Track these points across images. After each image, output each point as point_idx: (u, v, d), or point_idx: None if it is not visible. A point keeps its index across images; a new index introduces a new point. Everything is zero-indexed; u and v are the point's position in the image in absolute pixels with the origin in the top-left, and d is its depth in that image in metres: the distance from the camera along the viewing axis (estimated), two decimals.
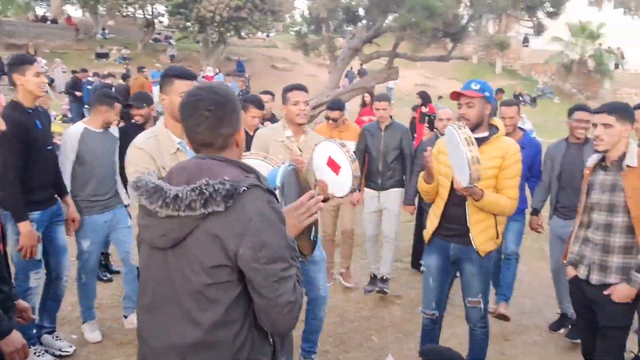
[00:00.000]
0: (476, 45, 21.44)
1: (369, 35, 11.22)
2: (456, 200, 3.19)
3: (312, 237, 2.10)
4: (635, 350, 3.54)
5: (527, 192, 4.82)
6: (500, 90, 13.53)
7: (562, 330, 4.59)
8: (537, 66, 29.88)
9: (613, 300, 2.81)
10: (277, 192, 1.77)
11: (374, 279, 5.33)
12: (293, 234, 1.75)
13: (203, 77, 20.26)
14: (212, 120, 1.65)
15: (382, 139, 5.06)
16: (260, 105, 4.82)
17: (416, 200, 5.33)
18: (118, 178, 4.16)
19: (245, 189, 1.54)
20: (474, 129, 3.07)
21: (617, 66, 27.13)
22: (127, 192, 4.13)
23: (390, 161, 5.06)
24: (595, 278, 2.91)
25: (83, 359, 3.84)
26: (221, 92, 1.70)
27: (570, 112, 4.39)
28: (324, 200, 3.22)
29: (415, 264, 5.79)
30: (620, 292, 2.79)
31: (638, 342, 3.61)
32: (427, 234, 3.41)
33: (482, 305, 3.31)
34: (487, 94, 3.14)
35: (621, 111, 2.85)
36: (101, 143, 4.02)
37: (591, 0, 33.94)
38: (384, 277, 5.31)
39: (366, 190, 5.24)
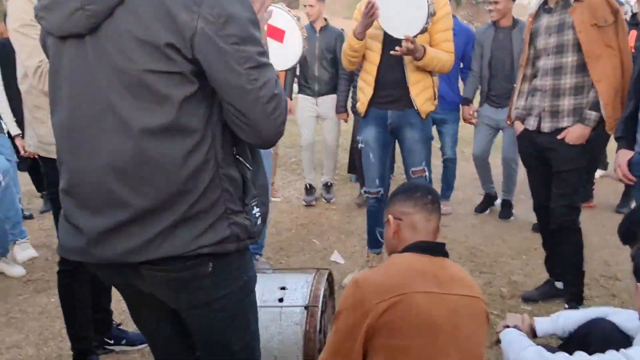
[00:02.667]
0: None
1: None
2: (390, 63, 2.98)
3: None
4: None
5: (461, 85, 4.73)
6: None
7: (487, 211, 4.68)
8: None
9: (567, 142, 2.73)
10: None
11: (309, 189, 5.06)
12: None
13: None
14: None
15: (317, 42, 4.67)
16: None
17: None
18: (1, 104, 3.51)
19: None
20: None
21: None
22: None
23: (326, 66, 4.71)
24: (547, 126, 2.81)
25: None
26: None
27: None
28: None
29: (351, 169, 5.58)
30: (575, 133, 2.71)
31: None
32: (361, 105, 3.17)
33: (427, 174, 3.15)
34: None
35: None
36: None
37: None
38: (329, 184, 5.13)
39: (301, 96, 4.89)
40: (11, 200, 3.41)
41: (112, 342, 2.65)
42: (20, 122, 3.55)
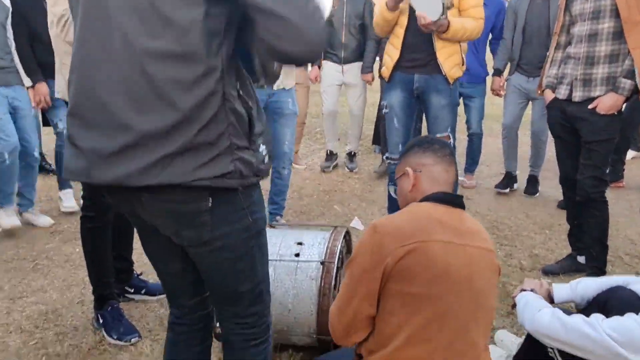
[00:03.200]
0: None
1: None
2: (419, 26, 2.92)
3: None
4: None
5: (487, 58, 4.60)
6: None
7: (507, 190, 4.54)
8: None
9: (599, 112, 2.65)
10: None
11: (330, 155, 5.04)
12: None
13: None
14: None
15: (344, 9, 4.61)
16: None
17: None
18: (15, 56, 3.52)
19: None
20: None
21: None
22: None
23: (354, 32, 4.65)
24: (578, 95, 2.73)
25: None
26: None
27: None
28: None
29: (376, 140, 5.53)
30: (607, 102, 2.62)
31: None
32: (387, 70, 3.13)
33: (451, 141, 3.11)
34: None
35: None
36: None
37: None
38: (352, 153, 5.10)
39: (327, 63, 4.84)
40: (10, 176, 3.45)
41: (132, 291, 2.71)
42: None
